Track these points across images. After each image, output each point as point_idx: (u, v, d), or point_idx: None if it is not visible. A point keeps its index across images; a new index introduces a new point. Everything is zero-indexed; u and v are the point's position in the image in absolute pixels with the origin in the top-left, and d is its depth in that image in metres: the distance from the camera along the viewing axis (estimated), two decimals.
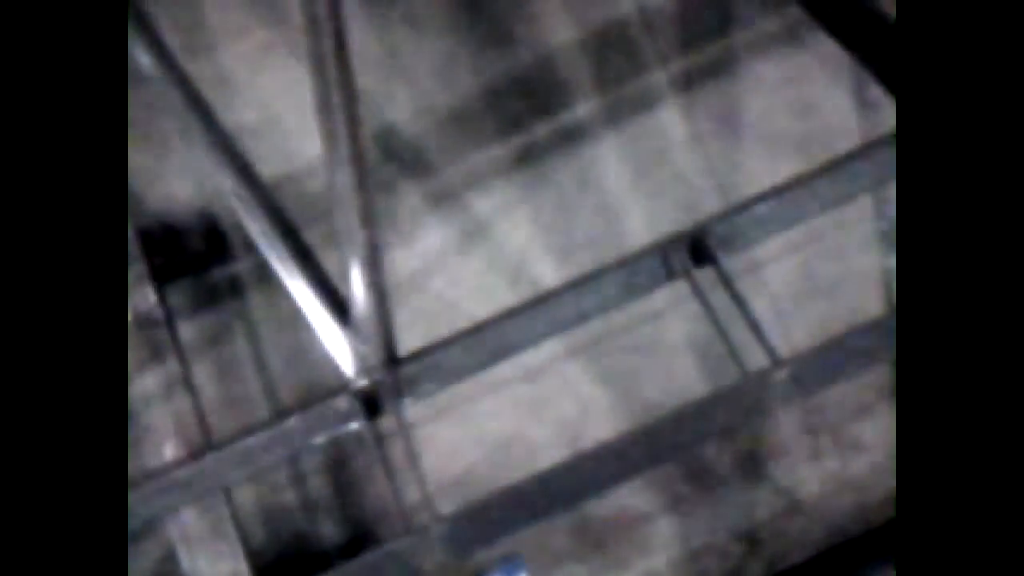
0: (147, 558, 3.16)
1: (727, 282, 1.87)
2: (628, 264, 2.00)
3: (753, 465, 3.62)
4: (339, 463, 3.15)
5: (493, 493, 1.91)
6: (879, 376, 3.64)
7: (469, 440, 3.20)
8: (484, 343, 2.03)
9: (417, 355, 1.96)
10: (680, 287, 2.00)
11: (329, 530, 3.15)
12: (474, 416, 3.37)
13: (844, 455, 3.62)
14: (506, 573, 3.76)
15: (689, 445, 1.89)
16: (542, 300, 2.05)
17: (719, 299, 1.94)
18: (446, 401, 3.54)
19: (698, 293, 1.90)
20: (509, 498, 1.94)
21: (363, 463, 3.06)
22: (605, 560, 3.59)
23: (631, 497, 3.69)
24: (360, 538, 3.12)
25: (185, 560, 3.06)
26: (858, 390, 3.64)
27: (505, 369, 3.54)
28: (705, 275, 1.89)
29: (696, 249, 1.89)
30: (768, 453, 3.61)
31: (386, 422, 1.94)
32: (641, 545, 3.64)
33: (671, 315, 3.23)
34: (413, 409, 3.21)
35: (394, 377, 1.87)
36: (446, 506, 2.22)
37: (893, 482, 3.69)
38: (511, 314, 2.07)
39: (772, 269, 3.32)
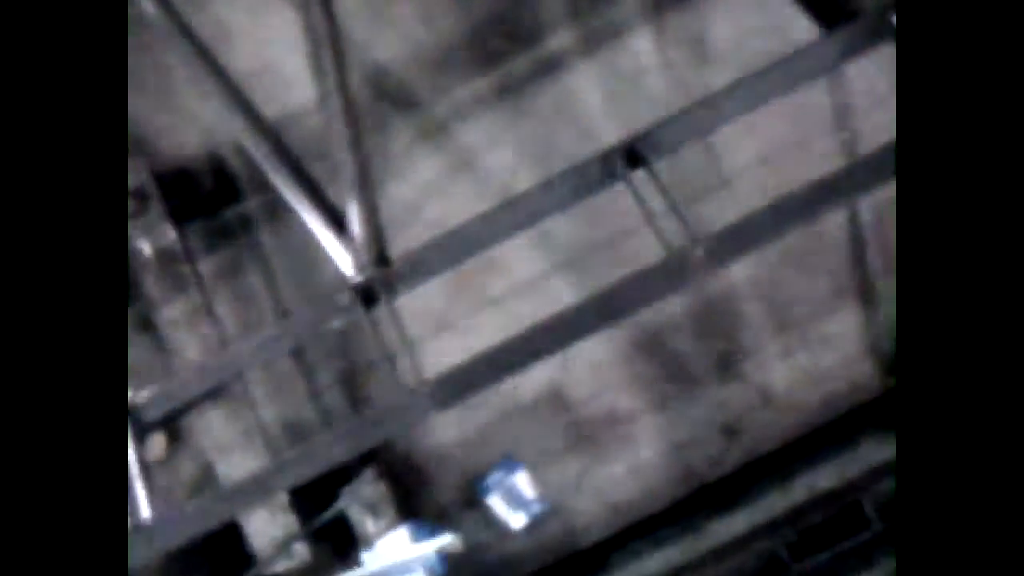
0: (187, 468, 3.53)
1: (656, 179, 2.15)
2: (575, 170, 2.28)
3: (729, 364, 3.94)
4: (344, 351, 3.49)
5: (468, 359, 2.21)
6: (841, 277, 3.93)
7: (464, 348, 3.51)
8: (459, 242, 2.33)
9: (403, 256, 2.25)
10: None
11: (332, 402, 3.51)
12: (472, 328, 3.67)
13: (812, 351, 3.93)
14: (506, 470, 4.14)
15: (630, 309, 2.18)
16: (504, 205, 2.34)
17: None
18: (446, 317, 3.91)
19: (633, 191, 2.18)
20: (482, 361, 2.24)
21: (364, 348, 3.38)
22: (598, 454, 3.94)
23: (619, 398, 4.04)
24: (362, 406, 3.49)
25: (220, 465, 3.44)
26: (823, 289, 3.94)
27: (499, 285, 3.90)
28: (639, 176, 2.17)
29: (631, 155, 2.16)
30: (742, 352, 3.92)
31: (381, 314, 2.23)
32: (630, 440, 3.99)
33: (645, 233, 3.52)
34: (418, 326, 3.56)
35: (384, 273, 2.17)
36: None
37: (859, 374, 4.02)
38: (479, 218, 2.36)
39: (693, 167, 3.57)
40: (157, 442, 3.52)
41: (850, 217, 3.77)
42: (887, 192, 3.27)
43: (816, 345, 3.90)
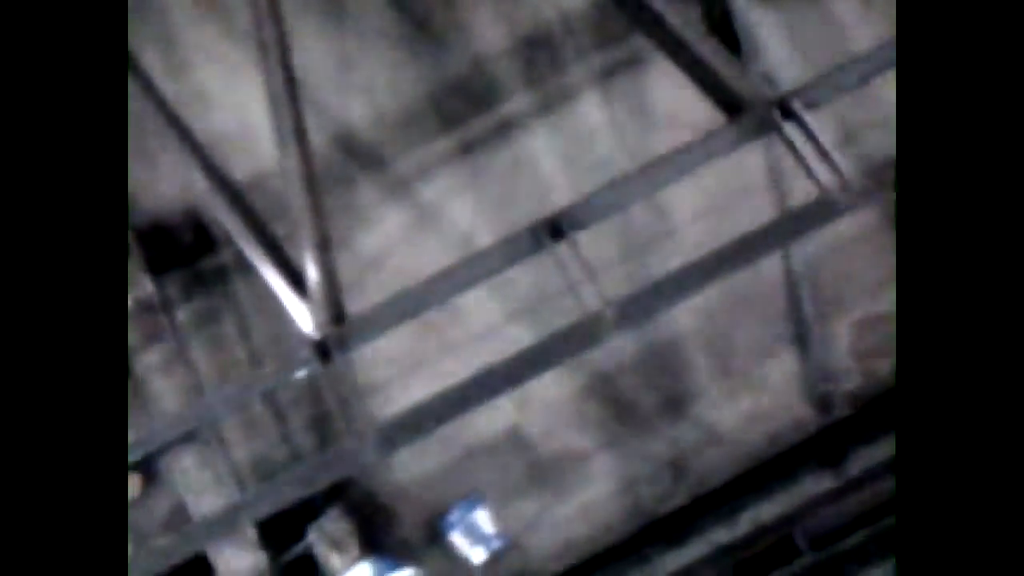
0: (161, 507, 3.71)
1: (577, 252, 2.43)
2: (505, 242, 2.56)
3: (677, 405, 4.18)
4: (312, 395, 3.71)
5: (410, 406, 2.43)
6: (780, 326, 4.20)
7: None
8: (412, 299, 2.57)
9: (359, 314, 2.49)
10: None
11: (301, 444, 3.72)
12: (436, 374, 3.91)
13: (754, 394, 4.19)
14: (467, 507, 4.34)
15: (554, 363, 2.42)
16: (446, 271, 2.61)
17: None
18: (409, 362, 4.14)
19: (557, 261, 2.46)
20: (425, 408, 2.47)
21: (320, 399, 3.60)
22: (555, 491, 4.15)
23: (573, 437, 4.26)
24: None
25: (192, 504, 3.63)
26: (764, 337, 4.20)
27: (458, 333, 4.14)
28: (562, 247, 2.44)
29: (554, 229, 2.44)
30: (689, 395, 4.17)
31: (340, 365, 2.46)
32: (585, 477, 4.21)
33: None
34: (381, 371, 3.78)
35: (340, 331, 2.41)
36: None
37: (797, 412, 4.27)
38: (427, 281, 2.61)
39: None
40: (132, 482, 3.71)
41: (784, 266, 4.06)
42: (819, 239, 3.60)
43: (757, 387, 4.16)
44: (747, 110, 2.36)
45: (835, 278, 4.15)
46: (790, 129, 2.27)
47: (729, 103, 2.46)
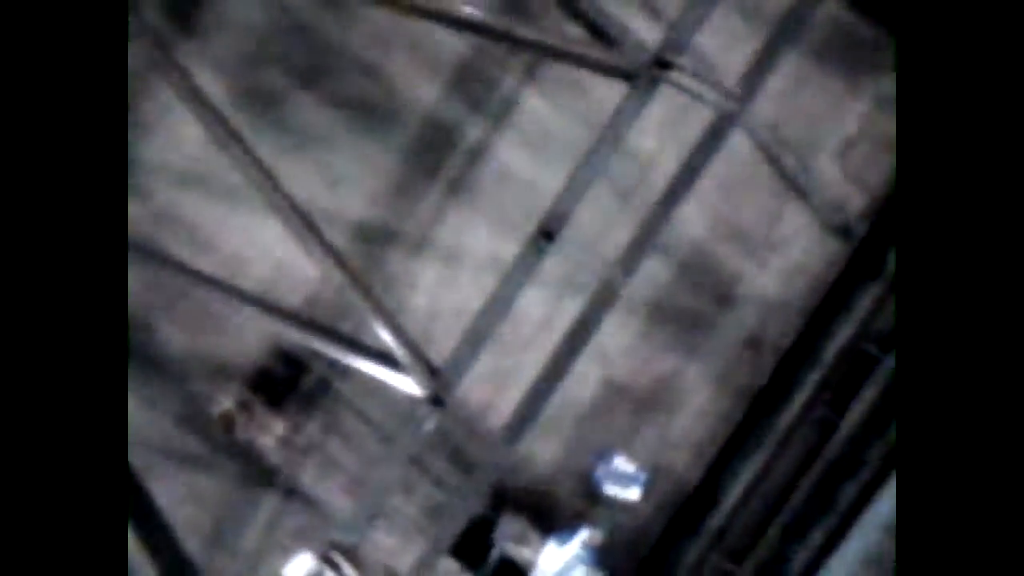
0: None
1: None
2: (519, 260, 3.16)
3: (725, 296, 4.71)
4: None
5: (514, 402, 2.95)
6: (774, 189, 4.68)
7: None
8: (475, 334, 3.17)
9: (447, 361, 3.10)
10: None
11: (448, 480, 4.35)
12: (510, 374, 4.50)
13: (782, 253, 4.69)
14: (606, 461, 4.87)
15: (595, 325, 2.96)
16: (491, 301, 3.21)
17: None
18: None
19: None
20: (524, 399, 3.05)
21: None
22: (665, 413, 4.73)
23: (656, 365, 4.82)
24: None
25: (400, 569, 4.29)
26: (766, 205, 4.69)
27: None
28: None
29: (546, 234, 3.04)
30: (731, 282, 4.69)
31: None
32: (682, 391, 4.77)
33: None
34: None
35: (440, 380, 3.02)
36: None
37: (825, 250, 4.75)
38: (481, 313, 3.22)
39: None
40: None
41: (752, 140, 4.55)
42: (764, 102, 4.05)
43: (781, 246, 4.68)
44: (636, 76, 2.88)
45: (796, 124, 4.61)
46: (675, 76, 2.80)
47: (623, 74, 2.99)
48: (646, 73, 2.85)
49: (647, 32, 3.59)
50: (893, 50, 4.55)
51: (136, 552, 3.38)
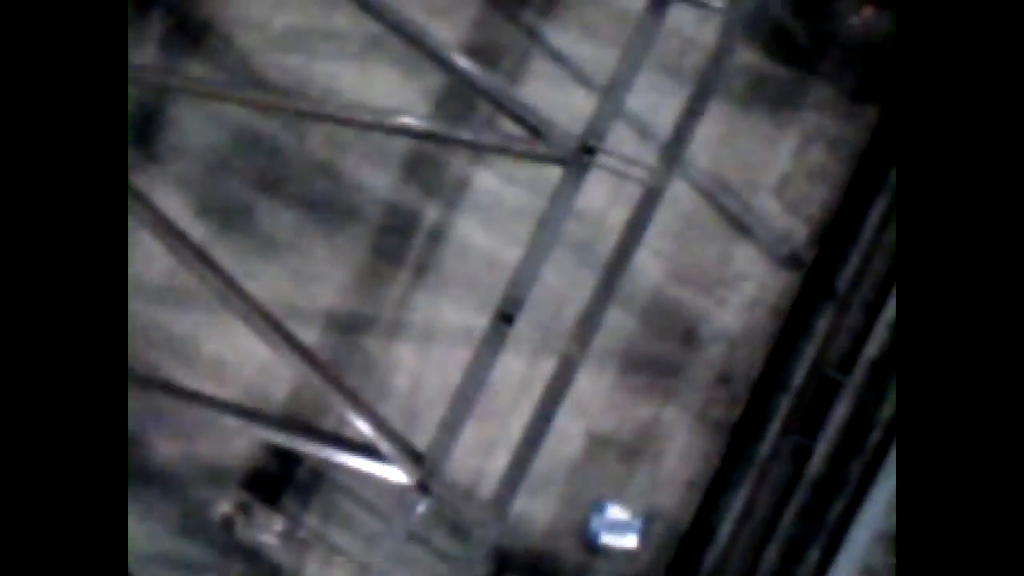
0: None
1: None
2: (484, 344, 3.36)
3: (690, 333, 4.90)
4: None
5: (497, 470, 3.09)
6: (722, 230, 4.92)
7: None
8: (454, 415, 3.35)
9: (429, 448, 3.26)
10: None
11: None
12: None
13: (737, 287, 4.91)
14: (599, 512, 4.96)
15: (566, 389, 3.15)
16: (463, 382, 3.39)
17: None
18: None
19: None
20: (507, 468, 3.23)
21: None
22: (652, 457, 4.87)
23: (636, 412, 4.98)
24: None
25: None
26: (716, 245, 4.93)
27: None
28: None
29: (505, 317, 3.23)
30: (693, 319, 4.89)
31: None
32: (664, 433, 4.92)
33: None
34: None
35: (425, 467, 3.17)
36: None
37: (778, 282, 4.97)
38: (454, 397, 3.40)
39: None
40: None
41: (696, 186, 4.80)
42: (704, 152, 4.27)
43: (735, 282, 4.90)
44: (567, 163, 3.13)
45: (734, 168, 4.87)
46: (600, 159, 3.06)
47: (556, 161, 3.24)
48: (575, 159, 3.10)
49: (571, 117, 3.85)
50: (811, 89, 4.87)
51: None
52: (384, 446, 3.20)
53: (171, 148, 4.86)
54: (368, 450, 3.29)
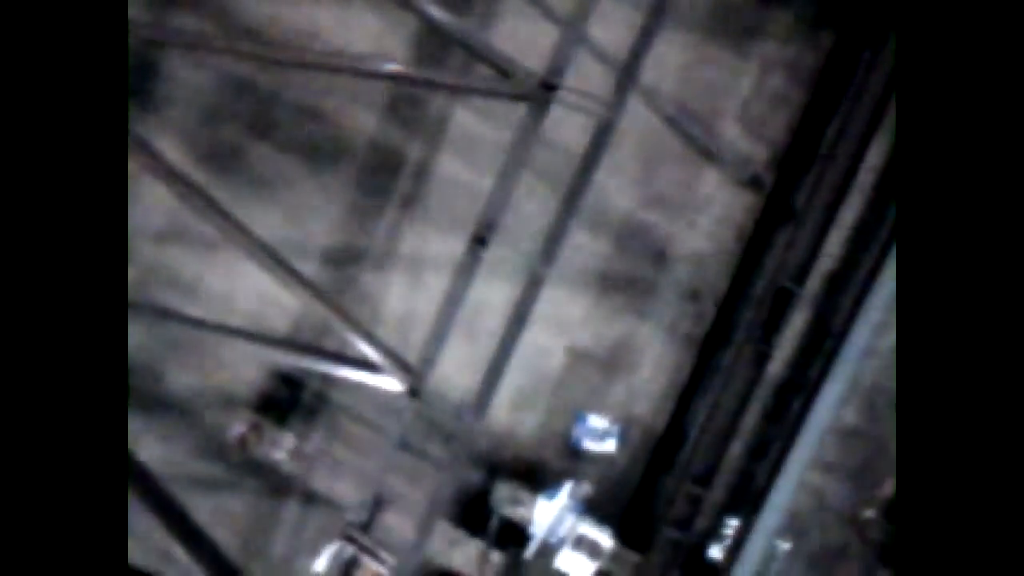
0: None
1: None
2: (462, 266, 3.68)
3: (661, 254, 5.27)
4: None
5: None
6: (689, 153, 5.23)
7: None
8: (438, 329, 3.71)
9: (417, 360, 3.65)
10: None
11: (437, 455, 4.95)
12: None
13: (704, 212, 5.26)
14: (581, 421, 5.45)
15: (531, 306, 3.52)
16: (446, 302, 3.73)
17: None
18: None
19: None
20: (485, 375, 3.63)
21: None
22: (626, 369, 5.29)
23: (614, 328, 5.38)
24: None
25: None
26: (686, 163, 5.25)
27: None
28: None
29: (479, 240, 3.57)
30: (662, 242, 5.25)
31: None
32: (639, 347, 5.33)
33: None
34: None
35: (415, 375, 3.56)
36: None
37: (743, 201, 5.30)
38: (439, 314, 3.75)
39: None
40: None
41: (660, 114, 5.10)
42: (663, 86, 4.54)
43: (704, 206, 5.24)
44: (530, 99, 3.44)
45: (697, 96, 5.15)
46: (559, 95, 3.37)
47: (519, 98, 3.54)
48: (536, 96, 3.40)
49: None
50: (770, 17, 5.11)
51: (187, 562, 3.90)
52: (378, 359, 3.58)
53: (166, 98, 5.13)
54: (365, 364, 3.67)
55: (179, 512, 4.11)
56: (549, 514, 4.81)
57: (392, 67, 3.88)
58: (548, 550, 4.82)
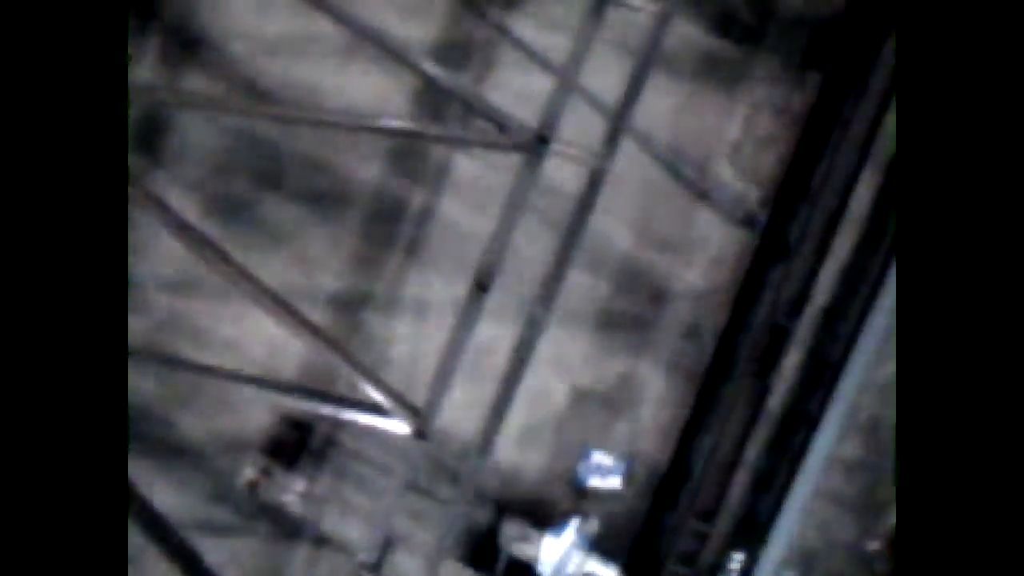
0: None
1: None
2: (465, 312, 3.83)
3: (659, 295, 5.40)
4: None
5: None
6: (685, 190, 5.40)
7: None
8: (443, 374, 3.84)
9: (424, 403, 3.76)
10: None
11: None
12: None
13: (700, 250, 5.40)
14: (586, 457, 5.49)
15: (531, 349, 3.65)
16: (450, 346, 3.87)
17: None
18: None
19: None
20: (489, 418, 3.74)
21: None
22: (629, 407, 5.39)
23: (614, 366, 5.49)
24: None
25: None
26: (680, 202, 5.41)
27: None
28: None
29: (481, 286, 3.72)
30: (660, 280, 5.39)
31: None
32: (641, 384, 5.43)
33: None
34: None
35: (421, 418, 3.67)
36: None
37: (736, 237, 5.46)
38: (442, 359, 3.88)
39: None
40: None
41: (652, 152, 5.27)
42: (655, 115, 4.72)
43: (700, 246, 5.39)
44: (525, 151, 3.61)
45: (690, 138, 5.33)
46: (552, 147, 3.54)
47: (515, 149, 3.72)
48: (532, 148, 3.57)
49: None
50: (757, 62, 5.32)
51: None
52: (385, 403, 3.70)
53: (177, 153, 5.33)
54: (372, 408, 3.78)
55: (194, 556, 4.19)
56: (556, 551, 4.88)
57: (393, 124, 4.04)
58: None
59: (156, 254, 5.11)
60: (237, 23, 5.44)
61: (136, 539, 3.68)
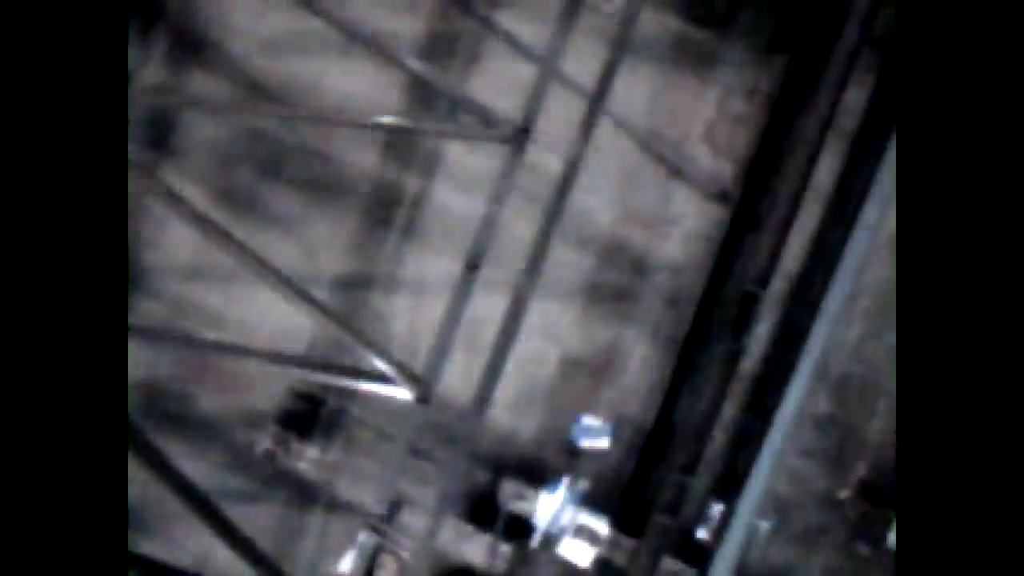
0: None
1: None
2: (459, 286, 4.22)
3: (640, 263, 5.78)
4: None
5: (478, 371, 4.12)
6: (663, 168, 5.76)
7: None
8: (441, 343, 4.23)
9: (424, 371, 4.16)
10: None
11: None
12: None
13: (679, 222, 5.77)
14: (577, 421, 5.96)
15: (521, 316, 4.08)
16: (447, 316, 4.26)
17: None
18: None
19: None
20: (485, 374, 4.17)
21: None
22: (615, 373, 5.79)
23: (598, 334, 5.88)
24: None
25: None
26: (661, 185, 5.77)
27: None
28: None
29: (472, 265, 4.09)
30: (644, 251, 5.76)
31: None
32: (629, 346, 5.83)
33: None
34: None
35: (423, 385, 4.05)
36: None
37: (711, 215, 5.82)
38: (440, 329, 4.27)
39: None
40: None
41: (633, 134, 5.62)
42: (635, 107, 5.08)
43: (678, 218, 5.75)
44: (508, 142, 3.97)
45: (666, 120, 5.68)
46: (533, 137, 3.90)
47: (500, 140, 4.07)
48: (514, 139, 3.93)
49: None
50: (728, 46, 5.65)
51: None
52: (389, 372, 4.07)
53: (187, 147, 5.68)
54: (377, 376, 4.16)
55: (226, 520, 4.58)
56: (551, 507, 5.30)
57: (386, 119, 4.37)
58: (551, 539, 5.32)
59: (171, 243, 5.48)
60: (236, 23, 5.77)
61: (171, 505, 4.07)
